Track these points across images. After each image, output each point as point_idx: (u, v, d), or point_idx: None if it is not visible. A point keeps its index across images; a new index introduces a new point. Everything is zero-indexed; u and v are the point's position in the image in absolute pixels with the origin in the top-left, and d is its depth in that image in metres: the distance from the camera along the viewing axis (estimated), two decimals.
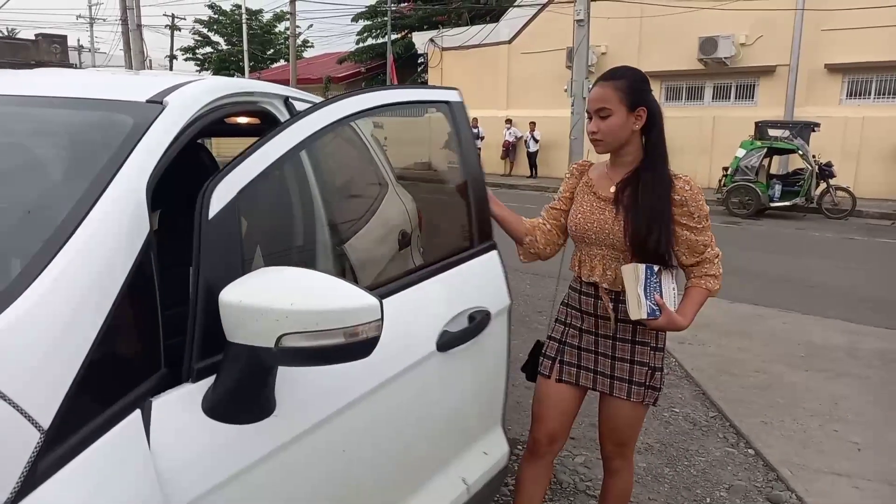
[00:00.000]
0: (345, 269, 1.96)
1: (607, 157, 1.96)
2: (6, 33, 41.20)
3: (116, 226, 1.04)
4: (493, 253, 1.88)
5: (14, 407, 0.80)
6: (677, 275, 1.87)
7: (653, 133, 1.86)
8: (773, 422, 3.40)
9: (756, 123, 12.30)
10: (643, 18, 16.14)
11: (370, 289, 1.39)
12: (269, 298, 1.01)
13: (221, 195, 1.16)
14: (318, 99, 2.60)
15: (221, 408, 1.06)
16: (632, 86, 1.82)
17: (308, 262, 1.78)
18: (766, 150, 11.79)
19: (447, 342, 1.64)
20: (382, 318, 1.04)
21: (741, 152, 11.96)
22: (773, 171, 12.56)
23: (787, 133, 11.94)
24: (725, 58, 15.38)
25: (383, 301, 1.07)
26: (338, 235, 2.00)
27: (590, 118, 1.86)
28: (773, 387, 3.88)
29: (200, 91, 1.43)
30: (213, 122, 1.48)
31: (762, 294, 6.03)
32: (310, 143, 1.41)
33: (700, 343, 4.64)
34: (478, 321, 1.75)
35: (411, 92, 1.87)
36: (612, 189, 1.88)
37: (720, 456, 3.06)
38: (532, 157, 18.23)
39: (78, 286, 0.94)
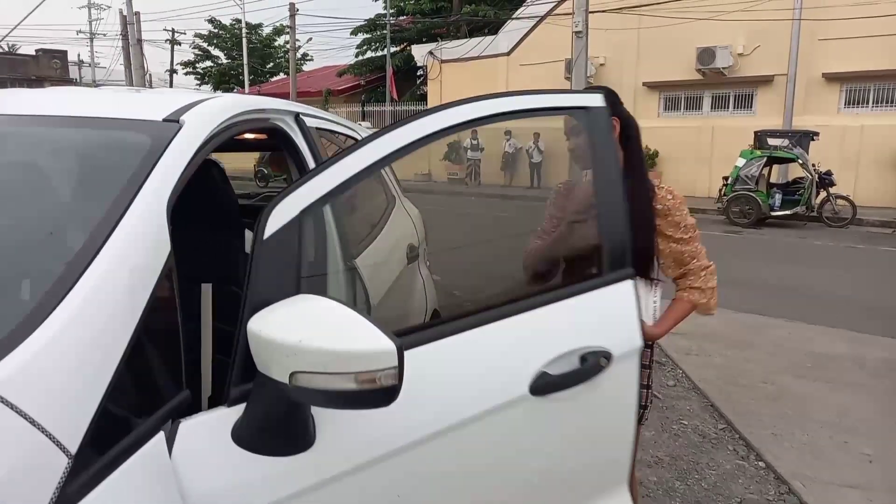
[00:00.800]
0: (356, 287, 1.96)
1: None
2: (6, 48, 41.35)
3: (139, 247, 1.03)
4: (628, 284, 1.53)
5: (44, 433, 0.79)
6: (658, 287, 1.88)
7: (630, 143, 1.87)
8: (782, 433, 3.38)
9: (755, 133, 12.35)
10: (641, 30, 16.24)
11: (455, 317, 1.36)
12: (281, 332, 0.97)
13: (280, 215, 1.13)
14: (328, 115, 2.62)
15: (248, 437, 1.04)
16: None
17: (320, 280, 1.77)
18: (765, 159, 11.83)
19: (544, 385, 1.39)
20: (402, 366, 0.95)
21: (741, 161, 12.00)
22: (773, 180, 12.59)
23: (786, 142, 11.99)
24: (723, 68, 15.47)
25: (449, 338, 1.03)
26: (348, 251, 1.99)
27: (567, 137, 1.88)
28: (781, 398, 3.87)
29: (216, 109, 1.44)
30: (227, 139, 1.49)
31: (765, 304, 6.02)
32: (386, 163, 1.30)
33: (706, 354, 4.63)
34: (591, 364, 1.45)
35: (527, 99, 1.53)
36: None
37: (731, 469, 3.05)
38: (536, 167, 18.24)
39: (102, 309, 0.94)
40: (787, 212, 11.76)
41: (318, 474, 1.11)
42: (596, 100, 1.58)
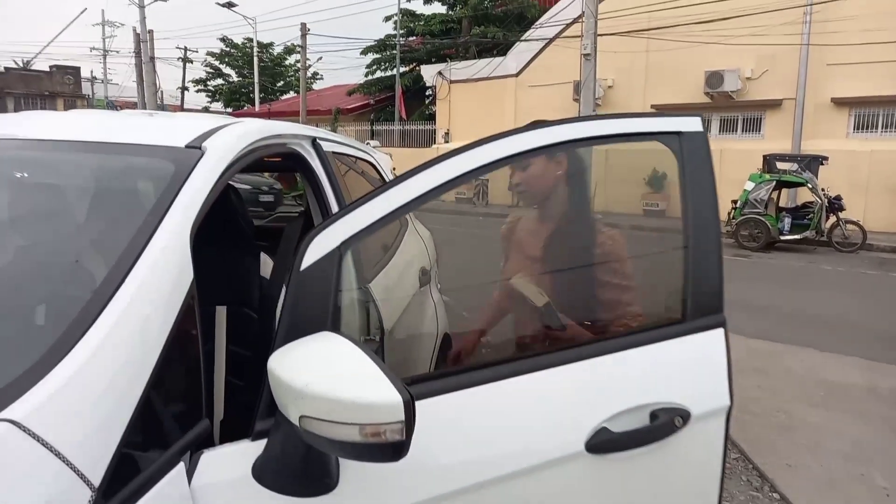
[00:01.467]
0: (369, 311, 1.95)
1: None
2: (21, 65, 42.01)
3: (163, 276, 1.03)
4: (717, 333, 1.34)
5: (68, 465, 0.79)
6: None
7: (576, 181, 1.74)
8: (797, 464, 3.33)
9: (764, 156, 12.35)
10: (649, 52, 16.35)
11: (500, 362, 1.27)
12: (292, 373, 0.94)
13: (318, 247, 1.11)
14: (344, 139, 2.63)
15: (268, 474, 1.02)
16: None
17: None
18: (775, 182, 11.82)
19: (603, 443, 1.24)
20: (410, 421, 0.89)
21: (750, 185, 11.98)
22: (782, 203, 12.57)
23: (795, 166, 11.98)
24: (731, 91, 15.53)
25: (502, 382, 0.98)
26: (362, 275, 1.99)
27: (512, 172, 1.76)
28: (794, 427, 3.82)
29: (236, 136, 1.45)
30: (246, 164, 1.49)
31: (776, 330, 5.97)
32: (439, 193, 1.23)
33: None
34: (663, 422, 1.28)
35: (611, 124, 1.39)
36: (541, 246, 1.72)
37: (745, 500, 3.00)
38: None
39: (127, 340, 0.93)
40: (797, 236, 11.71)
41: None
42: (693, 123, 1.43)
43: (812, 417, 3.97)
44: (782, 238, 11.76)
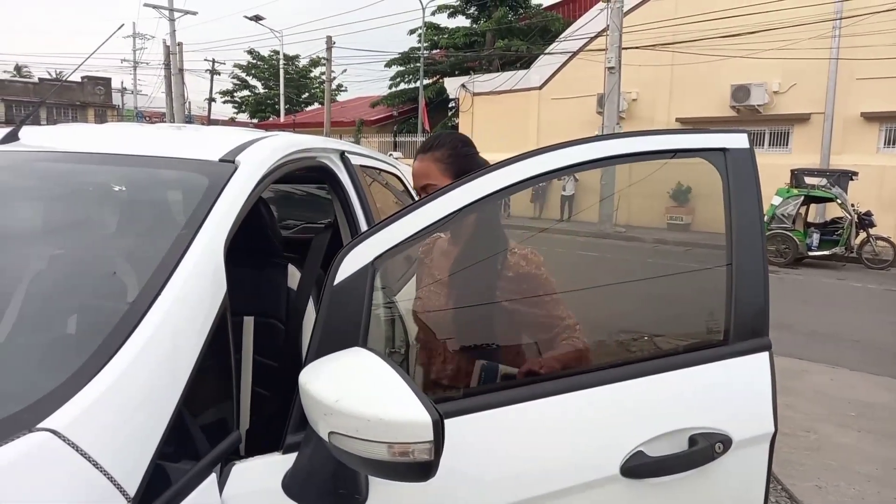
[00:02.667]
0: (394, 324, 1.96)
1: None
2: (54, 75, 43.15)
3: (198, 288, 1.05)
4: (762, 356, 1.31)
5: (105, 475, 0.80)
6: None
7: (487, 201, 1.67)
8: (827, 486, 3.26)
9: (792, 171, 12.18)
10: (674, 66, 16.27)
11: (536, 381, 1.23)
12: (322, 389, 0.94)
13: (352, 262, 1.11)
14: (371, 153, 2.65)
15: (297, 488, 1.02)
16: (453, 153, 1.67)
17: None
18: (803, 198, 11.64)
19: (639, 467, 1.20)
20: (439, 441, 0.87)
21: (777, 200, 11.82)
22: (810, 219, 12.37)
23: (824, 181, 11.80)
24: (758, 105, 15.37)
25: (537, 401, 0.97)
26: (389, 287, 2.00)
27: (419, 196, 1.68)
28: (824, 448, 3.73)
29: (269, 150, 1.47)
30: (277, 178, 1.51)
31: (805, 348, 5.86)
32: (468, 212, 1.21)
33: None
34: (702, 448, 1.23)
35: (652, 140, 1.36)
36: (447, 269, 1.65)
37: None
38: (568, 200, 18.13)
39: (163, 352, 0.95)
40: (826, 252, 11.51)
41: None
42: (739, 140, 1.38)
43: (842, 438, 3.88)
44: (810, 254, 11.57)
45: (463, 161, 1.68)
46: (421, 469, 0.89)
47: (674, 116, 16.75)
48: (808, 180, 11.93)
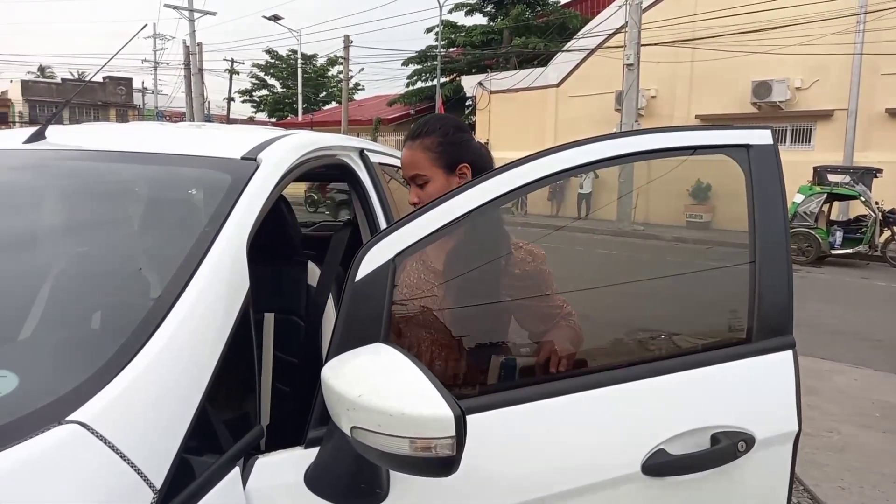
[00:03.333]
0: None
1: None
2: (76, 76, 43.83)
3: (221, 284, 1.06)
4: (785, 355, 1.29)
5: (132, 467, 0.81)
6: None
7: (505, 199, 1.56)
8: (850, 487, 3.21)
9: (814, 168, 12.02)
10: (694, 63, 16.11)
11: (557, 377, 1.24)
12: (344, 383, 0.95)
13: (373, 259, 1.12)
14: (389, 151, 2.66)
15: (319, 482, 1.03)
16: (444, 141, 1.59)
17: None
18: (825, 195, 11.48)
19: (660, 465, 1.19)
20: (461, 437, 0.87)
21: (799, 197, 11.67)
22: (832, 217, 12.20)
23: (847, 178, 11.62)
24: (780, 102, 15.17)
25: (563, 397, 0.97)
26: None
27: (408, 186, 1.61)
28: (847, 448, 3.68)
29: (289, 148, 1.48)
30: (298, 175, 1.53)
31: (827, 347, 5.77)
32: (489, 209, 1.21)
33: None
34: (724, 446, 1.22)
35: (672, 136, 1.34)
36: (443, 259, 1.54)
37: None
38: (585, 198, 18.02)
39: (188, 346, 0.96)
40: (849, 250, 11.34)
41: None
42: (762, 136, 1.37)
43: (866, 439, 3.82)
44: (833, 252, 11.41)
45: (454, 149, 1.60)
46: (443, 464, 0.89)
47: (693, 114, 16.59)
48: (831, 178, 11.77)
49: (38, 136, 1.50)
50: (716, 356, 1.29)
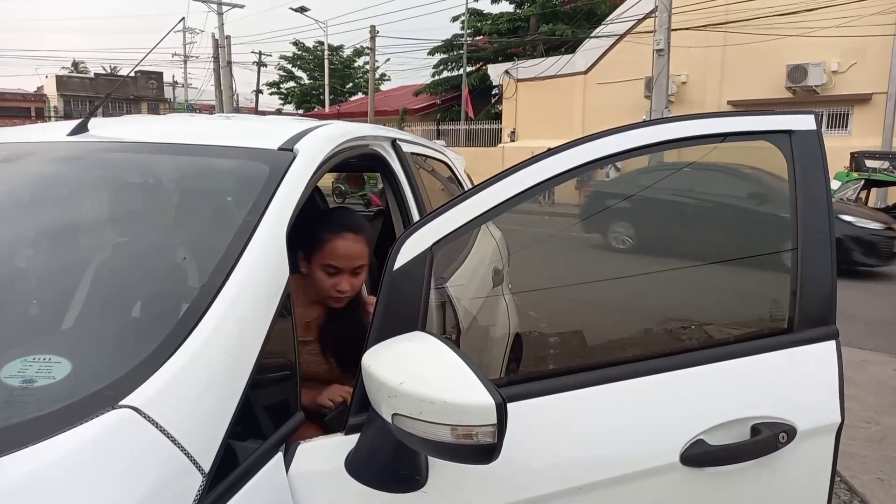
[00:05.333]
0: (446, 311, 1.97)
1: None
2: (109, 70, 44.64)
3: (264, 272, 1.08)
4: (829, 345, 1.28)
5: (183, 451, 0.84)
6: None
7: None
8: (890, 479, 3.15)
9: (852, 154, 11.69)
10: (726, 47, 15.76)
11: (598, 366, 1.25)
12: (387, 371, 0.96)
13: (411, 248, 1.13)
14: (421, 140, 2.67)
15: (359, 468, 1.04)
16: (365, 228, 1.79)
17: None
18: (863, 182, 11.17)
19: (699, 455, 1.18)
20: (502, 424, 0.88)
21: (836, 184, 11.37)
22: (870, 203, 11.87)
23: (886, 164, 11.29)
24: (816, 86, 14.78)
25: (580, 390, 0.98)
26: (440, 273, 2.01)
27: (333, 274, 1.66)
28: (887, 440, 3.60)
29: (325, 138, 1.49)
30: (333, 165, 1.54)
31: (865, 337, 5.64)
32: (523, 199, 1.22)
33: None
34: (765, 437, 1.20)
35: (713, 122, 1.33)
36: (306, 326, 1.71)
37: None
38: None
39: (233, 333, 0.98)
40: None
41: None
42: (805, 122, 1.34)
43: None
44: None
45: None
46: (484, 451, 0.90)
47: (725, 99, 16.24)
48: (869, 163, 11.43)
49: (81, 129, 1.54)
50: (757, 346, 1.27)
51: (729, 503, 1.26)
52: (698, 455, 1.18)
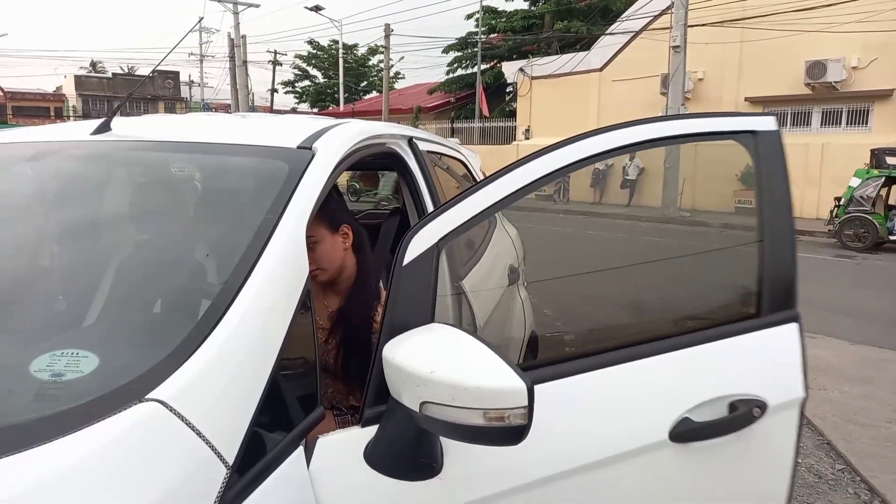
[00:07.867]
0: (462, 308, 1.98)
1: None
2: (126, 70, 45.13)
3: (284, 269, 1.10)
4: (791, 327, 1.39)
5: (207, 444, 0.85)
6: None
7: (362, 252, 1.81)
8: None
9: (872, 151, 11.53)
10: (743, 43, 15.59)
11: (593, 353, 1.32)
12: (414, 361, 0.99)
13: (419, 243, 1.16)
14: (437, 139, 2.68)
15: (378, 458, 1.06)
16: (325, 205, 1.79)
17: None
18: (884, 179, 11.02)
19: (686, 433, 1.29)
20: (531, 406, 0.93)
21: (855, 181, 11.23)
22: (891, 201, 11.70)
23: None
24: (835, 82, 14.59)
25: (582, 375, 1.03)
26: (455, 272, 2.02)
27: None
28: None
29: (343, 137, 1.51)
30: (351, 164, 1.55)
31: (884, 336, 5.57)
32: (528, 192, 1.28)
33: (820, 388, 4.33)
34: (742, 413, 1.32)
35: (683, 123, 1.43)
36: (328, 317, 1.77)
37: None
38: (632, 184, 17.70)
39: (255, 328, 1.00)
40: None
41: (444, 501, 1.12)
42: (767, 123, 1.45)
43: None
44: (891, 238, 10.95)
45: (334, 213, 1.78)
46: (515, 433, 0.94)
47: (742, 96, 16.09)
48: (890, 160, 11.27)
49: (104, 128, 1.57)
50: (730, 330, 1.39)
51: (714, 473, 1.38)
52: (685, 432, 1.29)
